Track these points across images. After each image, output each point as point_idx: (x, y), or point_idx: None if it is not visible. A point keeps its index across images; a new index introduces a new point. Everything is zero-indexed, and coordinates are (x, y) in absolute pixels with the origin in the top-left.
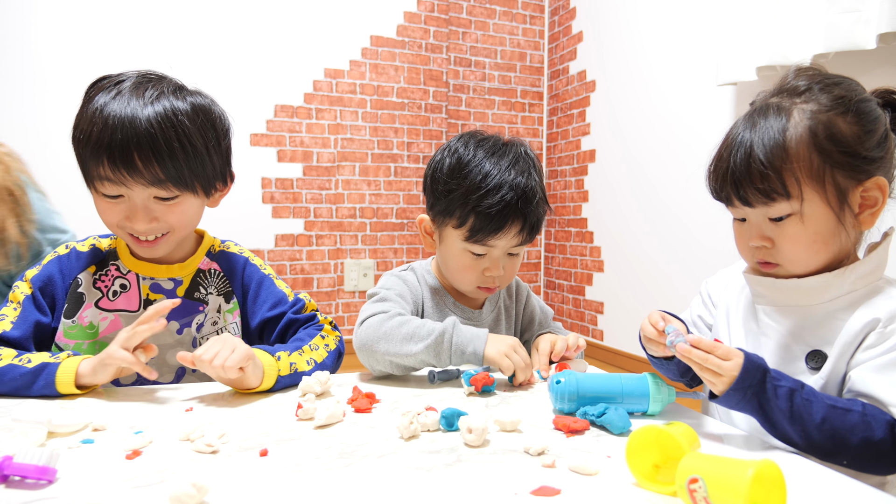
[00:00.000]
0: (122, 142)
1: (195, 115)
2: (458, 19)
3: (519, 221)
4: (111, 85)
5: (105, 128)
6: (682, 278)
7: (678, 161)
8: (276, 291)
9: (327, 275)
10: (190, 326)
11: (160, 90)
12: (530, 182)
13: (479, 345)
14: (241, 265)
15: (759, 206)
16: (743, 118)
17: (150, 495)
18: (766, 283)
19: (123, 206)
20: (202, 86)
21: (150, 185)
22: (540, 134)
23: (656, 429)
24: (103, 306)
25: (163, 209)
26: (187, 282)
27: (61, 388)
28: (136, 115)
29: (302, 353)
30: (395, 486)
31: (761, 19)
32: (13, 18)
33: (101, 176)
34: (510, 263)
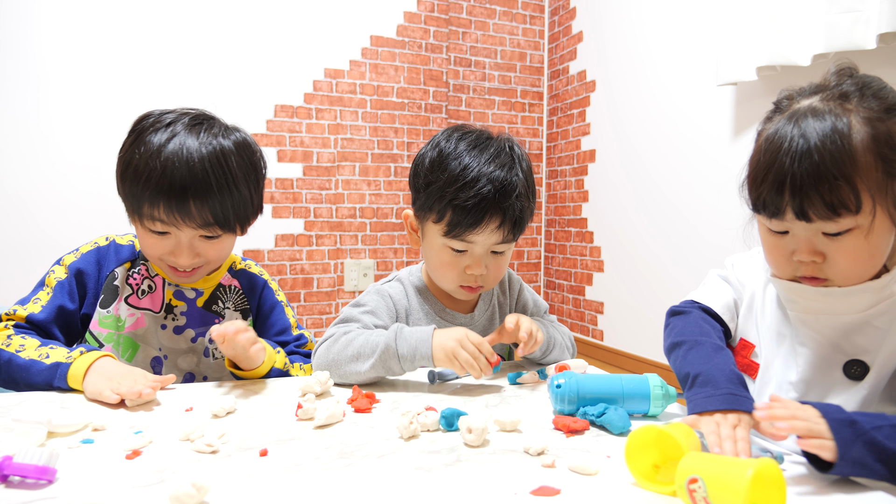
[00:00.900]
0: (181, 187)
1: (241, 156)
2: (458, 19)
3: (498, 216)
4: (162, 126)
5: (164, 172)
6: (683, 278)
7: (678, 161)
8: (284, 319)
9: (327, 275)
10: (204, 336)
11: (212, 133)
12: (511, 176)
13: (425, 350)
14: (261, 286)
15: (819, 220)
16: (786, 122)
17: (150, 495)
18: (801, 290)
19: (169, 242)
20: (203, 86)
21: (199, 228)
22: (540, 134)
23: (655, 429)
24: (132, 303)
25: (205, 246)
26: (207, 294)
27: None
28: (193, 159)
29: (292, 368)
30: (395, 486)
31: (761, 19)
32: (14, 19)
33: (153, 216)
34: (494, 263)
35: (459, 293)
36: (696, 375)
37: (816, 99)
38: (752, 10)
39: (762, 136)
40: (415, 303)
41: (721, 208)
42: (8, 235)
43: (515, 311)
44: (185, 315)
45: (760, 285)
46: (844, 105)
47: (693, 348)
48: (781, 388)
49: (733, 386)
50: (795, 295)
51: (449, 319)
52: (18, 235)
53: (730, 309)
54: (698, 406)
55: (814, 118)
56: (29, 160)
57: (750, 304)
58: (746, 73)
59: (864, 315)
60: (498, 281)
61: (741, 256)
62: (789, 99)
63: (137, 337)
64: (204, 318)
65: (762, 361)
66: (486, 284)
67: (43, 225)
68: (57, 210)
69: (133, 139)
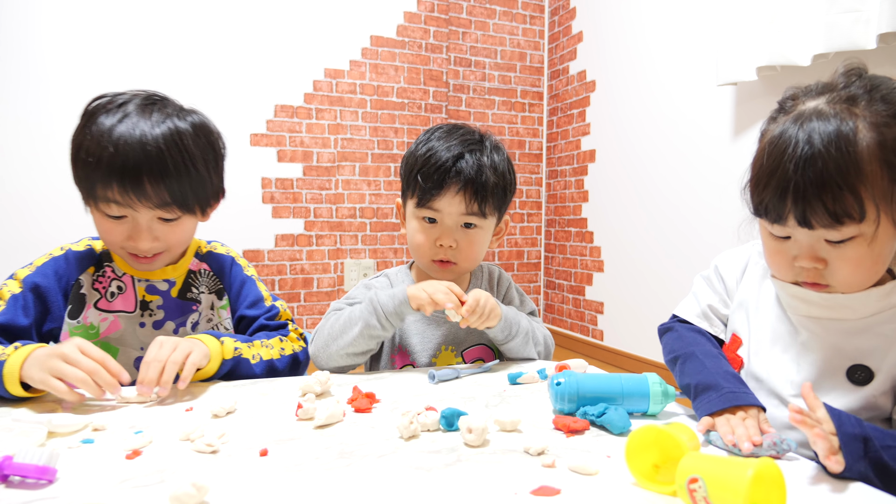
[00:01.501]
0: (134, 167)
1: (197, 136)
2: (458, 19)
3: (457, 181)
4: (114, 106)
5: (116, 152)
6: (683, 278)
7: (678, 161)
8: (256, 291)
9: (327, 275)
10: (185, 325)
11: (165, 113)
12: (472, 149)
13: (401, 295)
14: (229, 264)
15: (820, 228)
16: (791, 123)
17: (150, 495)
18: (803, 294)
19: (126, 226)
20: (203, 85)
21: (156, 208)
22: (540, 134)
23: (656, 428)
24: (102, 307)
25: (164, 229)
26: (180, 283)
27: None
28: (146, 138)
29: (251, 347)
30: (395, 486)
31: (761, 19)
32: (14, 19)
33: (108, 198)
34: (465, 238)
35: (433, 269)
36: (696, 385)
37: (823, 101)
38: (752, 10)
39: (766, 137)
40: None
41: (721, 208)
42: (9, 235)
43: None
44: (162, 308)
45: (755, 280)
46: (851, 109)
47: (686, 361)
48: (783, 387)
49: (732, 384)
50: (796, 299)
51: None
52: (19, 235)
53: (707, 315)
54: (705, 410)
55: (819, 121)
56: (30, 159)
57: (742, 300)
58: (746, 73)
59: (868, 321)
60: (472, 261)
61: (728, 254)
62: (794, 99)
63: (115, 341)
64: (181, 307)
65: (755, 356)
66: (458, 261)
67: (44, 224)
68: (58, 209)
69: (84, 122)
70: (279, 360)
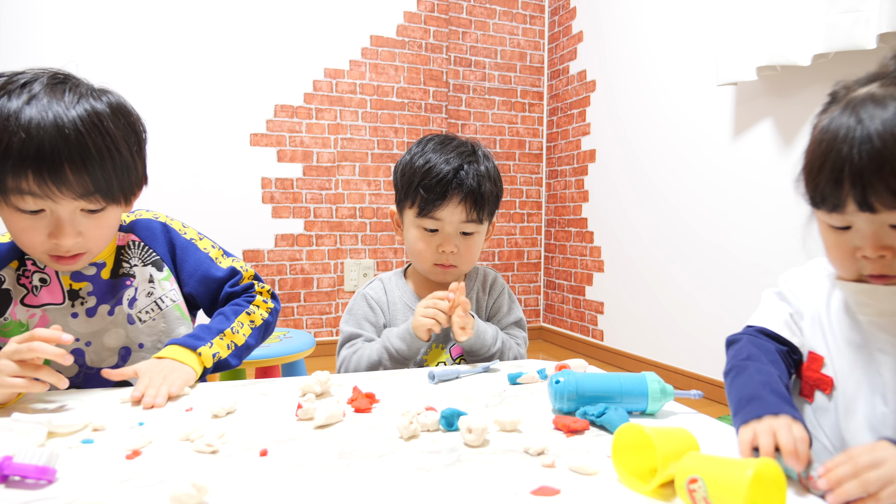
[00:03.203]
0: (51, 152)
1: (116, 117)
2: (458, 19)
3: (458, 192)
4: (16, 87)
5: (29, 137)
6: (682, 278)
7: (678, 161)
8: (202, 255)
9: (327, 275)
10: (121, 304)
11: (78, 92)
12: (469, 160)
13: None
14: (161, 231)
15: (885, 211)
16: (842, 111)
17: (150, 495)
18: (871, 291)
19: (45, 221)
20: (203, 86)
21: (79, 198)
22: (540, 134)
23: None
24: (28, 303)
25: (88, 223)
26: (110, 263)
27: None
28: (62, 121)
29: (223, 338)
30: (395, 486)
31: (761, 19)
32: (14, 18)
33: (22, 190)
34: (465, 243)
35: (435, 272)
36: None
37: (875, 86)
38: (752, 10)
39: (817, 127)
40: (394, 296)
41: (722, 208)
42: None
43: (489, 310)
44: (94, 294)
45: (823, 295)
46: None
47: (739, 374)
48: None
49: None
50: (865, 297)
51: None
52: None
53: (788, 324)
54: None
55: (873, 105)
56: None
57: (814, 315)
58: (746, 73)
59: None
60: (470, 263)
61: (794, 272)
62: (846, 88)
63: None
64: (113, 287)
65: (835, 374)
66: (458, 264)
67: None
68: None
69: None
70: (250, 337)
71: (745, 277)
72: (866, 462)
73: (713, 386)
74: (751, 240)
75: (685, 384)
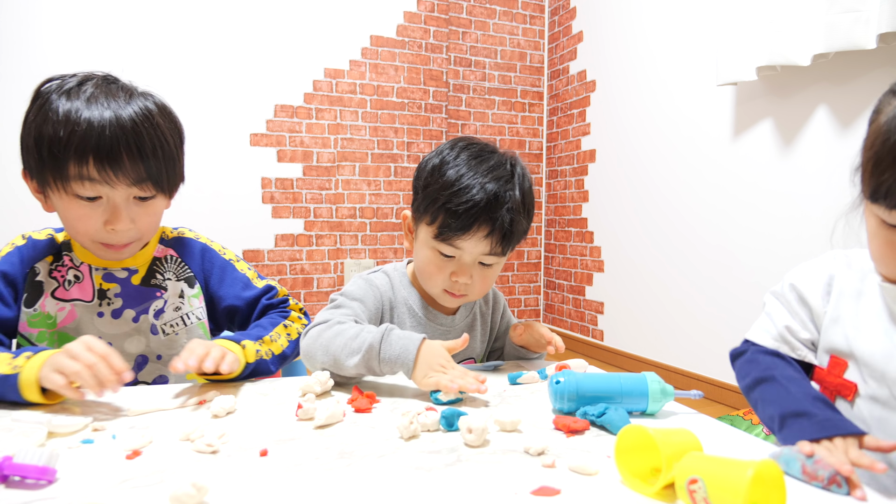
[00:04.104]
0: (111, 140)
1: (163, 115)
2: (458, 19)
3: (487, 225)
4: (72, 87)
5: (90, 128)
6: (683, 278)
7: (678, 161)
8: (241, 275)
9: (327, 275)
10: (147, 313)
11: (129, 93)
12: (505, 189)
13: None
14: (199, 250)
15: None
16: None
17: (150, 495)
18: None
19: (101, 209)
20: (203, 85)
21: (133, 185)
22: (540, 134)
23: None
24: (59, 296)
25: (139, 210)
26: (143, 270)
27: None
28: (120, 115)
29: (262, 344)
30: (395, 486)
31: (761, 19)
32: (14, 18)
33: (83, 176)
34: (481, 274)
35: (443, 297)
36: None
37: None
38: (752, 10)
39: (879, 118)
40: (399, 296)
41: (722, 208)
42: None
43: (500, 327)
44: (121, 296)
45: (849, 294)
46: None
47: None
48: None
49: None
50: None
51: (430, 318)
52: None
53: (785, 339)
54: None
55: None
56: None
57: (837, 317)
58: (746, 73)
59: None
60: (483, 293)
61: (803, 269)
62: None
63: (72, 330)
64: (142, 294)
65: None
66: (470, 294)
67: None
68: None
69: (41, 105)
70: (287, 348)
71: (744, 277)
72: None
73: (713, 386)
74: (751, 240)
75: (685, 384)
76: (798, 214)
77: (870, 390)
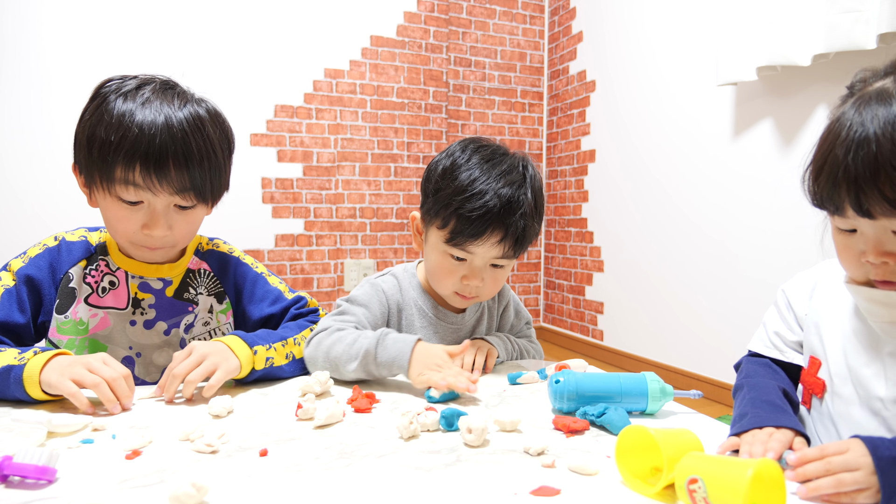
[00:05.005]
0: (160, 148)
1: (214, 123)
2: (458, 19)
3: (500, 231)
4: (130, 89)
5: (142, 133)
6: (682, 278)
7: (678, 161)
8: (272, 288)
9: (327, 275)
10: (178, 327)
11: (185, 98)
12: (518, 194)
13: (402, 363)
14: (233, 265)
15: (882, 217)
16: (851, 106)
17: (150, 495)
18: (883, 298)
19: (141, 213)
20: (203, 85)
21: (175, 194)
22: (540, 134)
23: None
24: (93, 302)
25: (178, 218)
26: (177, 282)
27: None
28: (171, 122)
29: (285, 345)
30: (395, 486)
31: (761, 19)
32: (15, 18)
33: (128, 180)
34: (492, 276)
35: (453, 299)
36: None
37: (889, 80)
38: (752, 10)
39: (829, 121)
40: (408, 298)
41: (721, 208)
42: (14, 233)
43: (499, 323)
44: (154, 307)
45: (826, 298)
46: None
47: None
48: (871, 405)
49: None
50: (875, 304)
51: (440, 317)
52: (24, 234)
53: (775, 344)
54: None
55: (878, 103)
56: (34, 159)
57: (815, 320)
58: (746, 73)
59: None
60: (493, 294)
61: (796, 277)
62: (862, 81)
63: (103, 338)
64: (175, 307)
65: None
66: (481, 296)
67: (49, 222)
68: (60, 209)
69: (98, 105)
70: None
71: (744, 277)
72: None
73: (713, 386)
74: (750, 240)
75: (685, 384)
76: (798, 215)
77: (835, 387)
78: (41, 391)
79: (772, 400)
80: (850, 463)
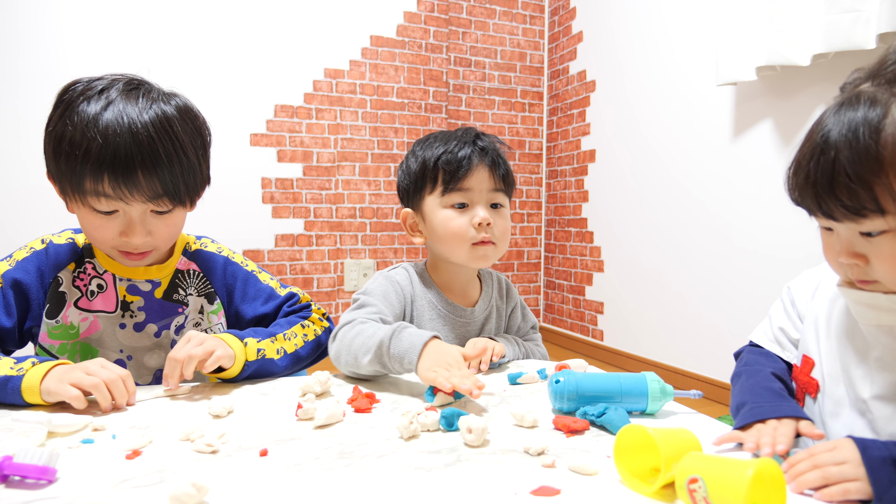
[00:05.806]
0: (126, 157)
1: (184, 121)
2: (458, 19)
3: (483, 158)
4: (94, 93)
5: (106, 143)
6: (682, 278)
7: (678, 161)
8: (264, 286)
9: (327, 275)
10: (168, 329)
11: (150, 98)
12: (478, 135)
13: (412, 358)
14: (221, 265)
15: (845, 221)
16: (832, 109)
17: (150, 495)
18: (870, 300)
19: (118, 221)
20: (203, 85)
21: (149, 201)
22: (540, 134)
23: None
24: (82, 306)
25: (156, 222)
26: (166, 283)
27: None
28: (136, 127)
29: (274, 341)
30: (395, 486)
31: (761, 19)
32: (15, 18)
33: (98, 192)
34: (497, 216)
35: (474, 256)
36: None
37: (868, 84)
38: (752, 10)
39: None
40: (419, 290)
41: (721, 208)
42: (15, 233)
43: (507, 323)
44: (144, 310)
45: (826, 298)
46: (893, 89)
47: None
48: (858, 406)
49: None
50: (863, 306)
51: (451, 311)
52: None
53: (778, 340)
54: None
55: (849, 107)
56: (35, 159)
57: (813, 319)
58: (746, 73)
59: None
60: (505, 240)
61: (802, 275)
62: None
63: (94, 342)
64: (164, 309)
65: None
66: (496, 241)
67: (50, 221)
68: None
69: (63, 110)
70: (302, 349)
71: (744, 277)
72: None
73: (713, 386)
74: (750, 240)
75: (685, 384)
76: (798, 215)
77: (828, 388)
78: (41, 400)
79: (770, 386)
80: (838, 458)
